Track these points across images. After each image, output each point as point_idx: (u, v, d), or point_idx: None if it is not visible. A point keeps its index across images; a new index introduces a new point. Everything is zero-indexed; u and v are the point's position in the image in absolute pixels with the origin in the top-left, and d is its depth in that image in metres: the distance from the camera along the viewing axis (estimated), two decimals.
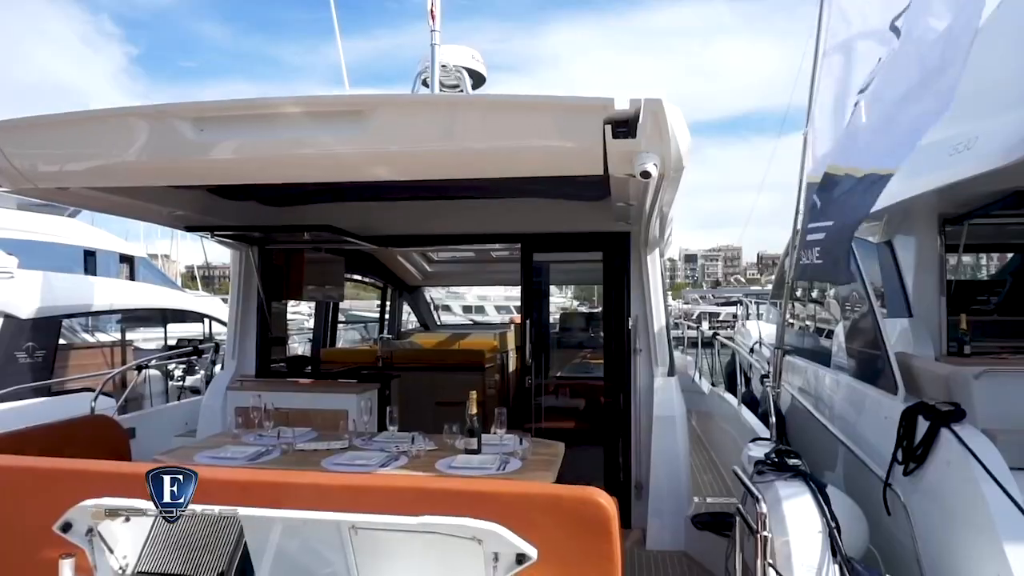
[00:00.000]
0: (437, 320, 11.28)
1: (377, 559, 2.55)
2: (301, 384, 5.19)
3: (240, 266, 5.51)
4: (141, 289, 9.03)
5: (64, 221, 12.72)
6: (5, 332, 5.39)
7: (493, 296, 24.31)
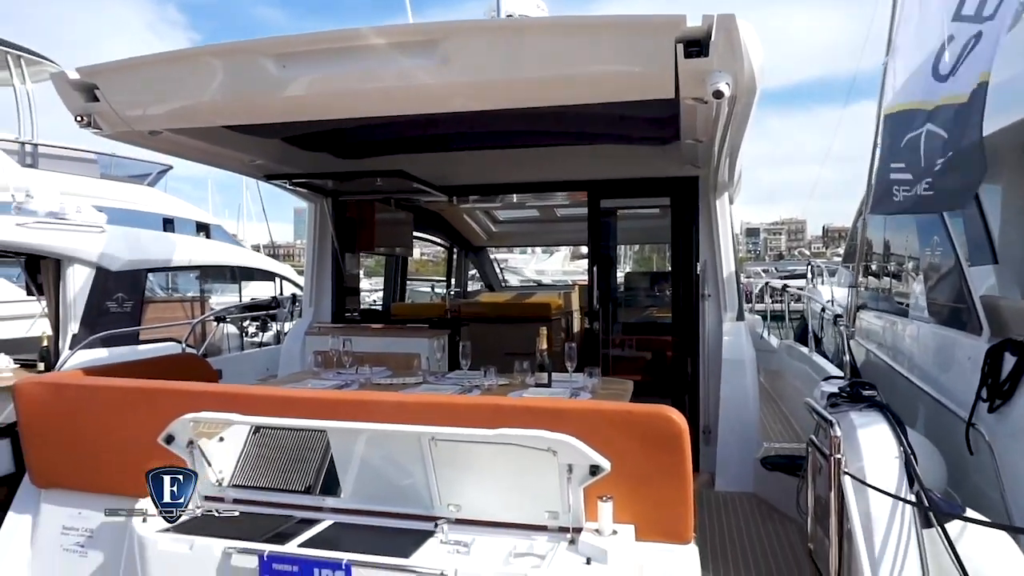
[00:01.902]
0: (502, 281, 11.39)
1: (455, 470, 2.65)
2: (375, 329, 5.36)
3: (315, 218, 5.71)
4: (217, 247, 9.42)
5: (144, 190, 13.35)
6: (97, 283, 5.70)
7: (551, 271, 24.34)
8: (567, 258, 24.80)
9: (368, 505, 2.82)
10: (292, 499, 2.91)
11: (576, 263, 22.68)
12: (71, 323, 5.46)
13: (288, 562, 2.43)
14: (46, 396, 3.30)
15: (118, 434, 3.20)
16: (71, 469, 3.33)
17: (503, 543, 2.61)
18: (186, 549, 2.60)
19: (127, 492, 3.18)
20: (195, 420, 2.82)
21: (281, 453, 2.98)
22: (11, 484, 3.95)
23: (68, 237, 5.38)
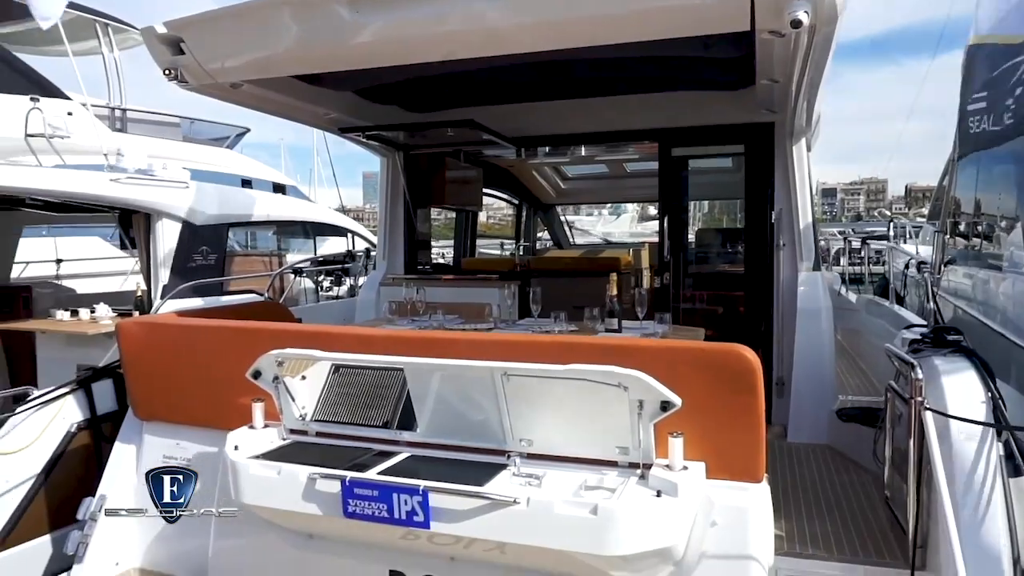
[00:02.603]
0: (571, 239, 11.36)
1: (527, 405, 2.71)
2: (447, 279, 5.47)
3: (387, 172, 5.82)
4: (294, 203, 9.72)
5: (224, 152, 13.81)
6: (183, 236, 5.98)
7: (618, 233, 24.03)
8: (634, 220, 24.41)
9: (442, 439, 2.93)
10: (370, 433, 3.04)
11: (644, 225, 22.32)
12: (161, 274, 5.76)
13: (368, 487, 2.56)
14: (145, 335, 3.53)
15: (210, 371, 3.40)
16: (168, 403, 3.57)
17: (573, 477, 2.67)
18: (274, 474, 2.76)
19: (219, 425, 3.39)
20: (280, 356, 2.97)
21: (359, 390, 3.12)
22: (115, 420, 4.26)
23: (156, 192, 5.66)
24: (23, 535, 3.79)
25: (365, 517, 2.56)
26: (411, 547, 2.87)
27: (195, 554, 3.39)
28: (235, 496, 2.85)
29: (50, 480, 3.91)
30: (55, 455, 3.94)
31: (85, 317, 5.70)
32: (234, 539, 3.28)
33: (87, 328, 5.34)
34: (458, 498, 2.47)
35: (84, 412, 4.15)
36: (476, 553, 2.76)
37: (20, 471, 3.83)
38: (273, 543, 3.15)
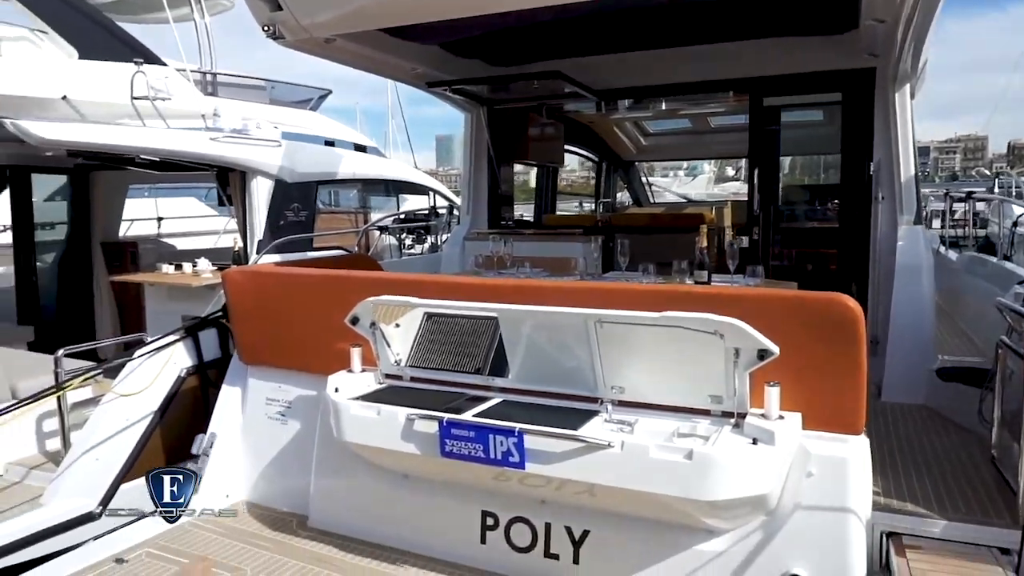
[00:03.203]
0: (650, 197, 11.17)
1: (619, 353, 2.73)
2: (531, 234, 5.50)
3: (471, 127, 5.85)
4: (378, 161, 9.91)
5: (308, 114, 14.12)
6: (276, 193, 6.18)
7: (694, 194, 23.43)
8: (711, 181, 23.78)
9: (533, 385, 2.98)
10: (462, 379, 3.13)
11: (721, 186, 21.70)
12: (257, 230, 6.00)
13: (465, 428, 2.64)
14: (249, 283, 3.72)
15: (310, 317, 3.55)
16: (270, 348, 3.76)
17: (665, 424, 2.68)
18: (374, 415, 2.89)
19: (317, 369, 3.55)
20: (377, 303, 3.07)
21: (452, 337, 3.20)
22: (218, 366, 4.52)
23: (251, 151, 5.86)
24: (143, 469, 4.10)
25: (461, 457, 2.65)
26: (502, 489, 2.96)
27: (297, 491, 3.60)
28: (337, 434, 2.99)
29: (164, 420, 4.20)
30: (168, 397, 4.23)
31: (188, 271, 6.03)
32: (333, 478, 3.45)
33: (191, 281, 5.65)
34: (553, 440, 2.53)
35: (192, 358, 4.42)
36: (566, 496, 2.82)
37: (138, 411, 4.13)
38: (370, 483, 3.30)
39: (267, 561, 3.15)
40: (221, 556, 3.14)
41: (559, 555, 2.91)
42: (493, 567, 3.01)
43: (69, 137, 4.77)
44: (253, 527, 3.53)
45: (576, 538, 2.88)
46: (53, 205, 7.18)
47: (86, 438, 4.01)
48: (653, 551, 2.74)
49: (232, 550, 3.27)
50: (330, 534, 3.39)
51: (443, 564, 3.08)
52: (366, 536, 3.32)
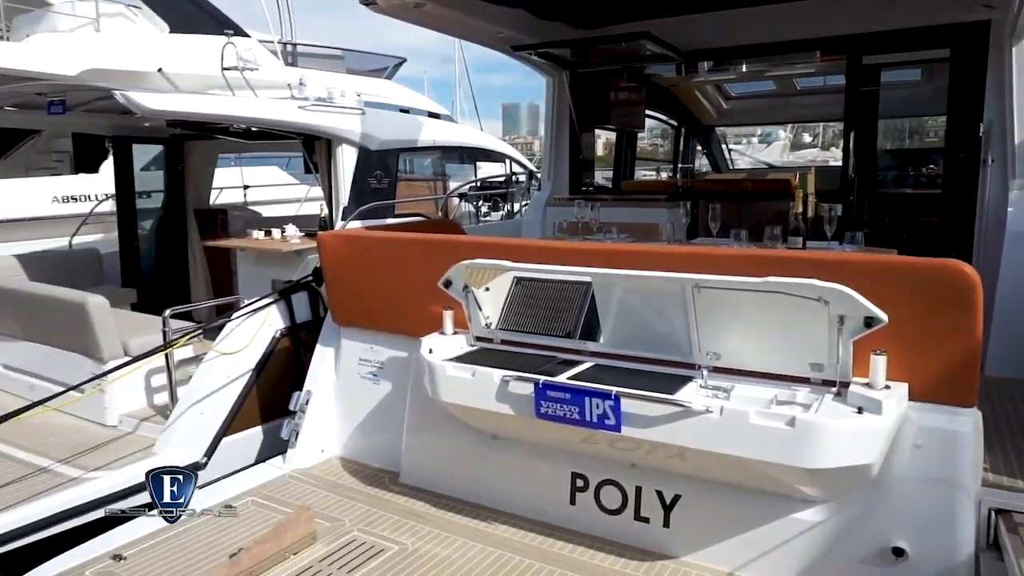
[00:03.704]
0: (730, 163, 10.85)
1: (716, 318, 2.69)
2: (614, 200, 5.44)
3: (553, 92, 5.80)
4: (456, 128, 9.96)
5: (383, 82, 14.31)
6: (360, 161, 6.27)
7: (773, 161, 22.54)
8: (786, 148, 22.86)
9: (625, 350, 2.98)
10: (552, 342, 3.15)
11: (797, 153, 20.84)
12: (342, 197, 6.12)
13: (561, 390, 2.67)
14: (343, 247, 3.82)
15: (401, 280, 3.63)
16: (363, 310, 3.88)
17: (762, 391, 2.64)
18: (469, 376, 2.94)
19: (409, 331, 3.64)
20: (471, 266, 3.11)
21: (541, 301, 3.21)
22: (309, 328, 4.69)
23: (337, 119, 5.96)
24: (242, 424, 4.32)
25: (556, 418, 2.68)
26: (593, 452, 2.99)
27: (388, 447, 3.72)
28: (432, 394, 3.07)
29: (260, 378, 4.40)
30: (264, 356, 4.42)
31: (277, 237, 6.24)
32: (423, 436, 3.56)
33: (281, 246, 5.85)
34: (650, 404, 2.53)
35: (285, 320, 4.60)
36: (656, 460, 2.83)
37: (237, 369, 4.34)
38: (459, 442, 3.38)
39: (363, 513, 3.29)
40: (320, 507, 3.29)
41: (649, 518, 2.93)
42: (582, 528, 3.06)
43: (172, 107, 4.96)
44: (347, 481, 3.68)
45: (667, 502, 2.89)
46: (149, 174, 7.53)
47: (191, 394, 4.24)
48: (747, 517, 2.73)
49: (329, 501, 3.42)
50: (420, 490, 3.50)
51: (532, 523, 3.14)
52: (455, 493, 3.42)
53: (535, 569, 2.80)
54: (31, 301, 4.90)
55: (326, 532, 3.08)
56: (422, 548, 2.96)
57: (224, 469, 4.19)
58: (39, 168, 10.00)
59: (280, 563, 2.83)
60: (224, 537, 3.09)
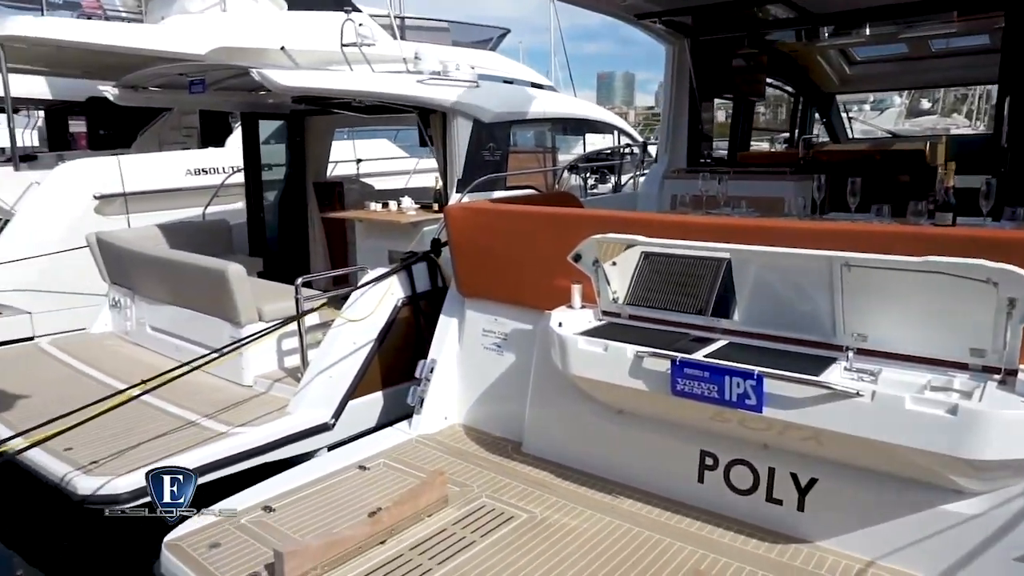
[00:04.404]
0: (850, 132, 10.26)
1: (864, 298, 2.57)
2: (736, 173, 5.25)
3: (673, 61, 5.64)
4: (567, 100, 9.87)
5: (488, 54, 14.33)
6: (474, 133, 6.32)
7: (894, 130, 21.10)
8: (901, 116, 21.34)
9: (761, 328, 2.90)
10: (683, 319, 3.10)
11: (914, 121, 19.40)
12: (456, 170, 6.21)
13: (699, 368, 2.63)
14: (469, 219, 3.89)
15: (527, 253, 3.66)
16: (488, 282, 3.94)
17: (913, 376, 2.52)
18: (601, 350, 2.95)
19: (534, 303, 3.68)
20: (602, 241, 3.10)
21: (671, 277, 3.17)
22: (428, 298, 4.83)
23: (453, 92, 6.03)
24: (366, 388, 4.52)
25: (692, 396, 2.66)
26: (722, 430, 2.94)
27: (512, 417, 3.80)
28: (562, 368, 3.10)
29: (383, 345, 4.57)
30: (387, 324, 4.59)
31: (393, 209, 6.40)
32: (548, 408, 3.60)
33: (398, 218, 6.00)
34: (795, 386, 2.46)
35: (406, 290, 4.75)
36: (790, 442, 2.75)
37: (363, 336, 4.53)
38: (584, 415, 3.41)
39: (490, 480, 3.38)
40: (448, 472, 3.40)
41: (782, 501, 2.87)
42: (711, 506, 3.03)
43: (304, 83, 5.16)
44: (471, 448, 3.78)
45: (802, 485, 2.82)
46: (269, 148, 7.89)
47: (321, 358, 4.46)
48: (889, 506, 2.62)
49: (456, 467, 3.54)
50: (543, 460, 3.56)
51: (658, 499, 3.14)
52: (578, 465, 3.46)
53: (665, 544, 2.81)
54: (177, 268, 5.26)
55: (456, 497, 3.19)
56: (551, 517, 3.02)
57: (349, 430, 4.42)
58: (171, 143, 10.65)
59: (416, 523, 2.96)
60: (361, 495, 3.25)
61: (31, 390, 4.75)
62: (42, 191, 7.54)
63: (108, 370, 5.15)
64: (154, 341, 5.64)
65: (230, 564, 2.69)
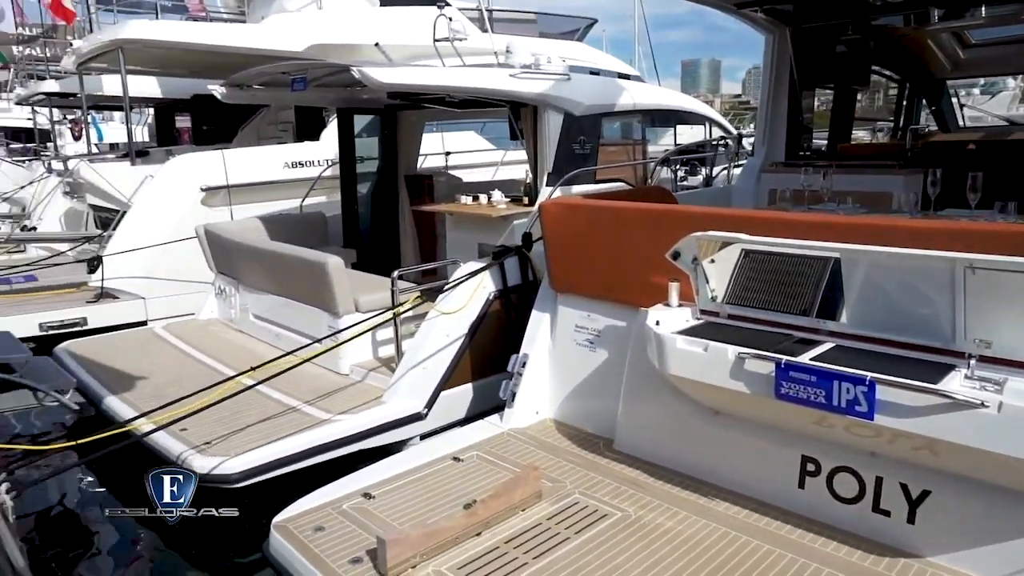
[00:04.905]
0: (961, 120, 9.64)
1: (991, 304, 2.42)
2: (838, 166, 5.04)
3: (772, 50, 5.45)
4: (657, 91, 9.72)
5: (575, 44, 14.25)
6: (564, 126, 6.31)
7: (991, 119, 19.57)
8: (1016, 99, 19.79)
9: (872, 332, 2.78)
10: (786, 319, 3.01)
11: None
12: (546, 163, 6.22)
13: (806, 372, 2.55)
14: (564, 215, 3.89)
15: (622, 250, 3.63)
16: (581, 278, 3.93)
17: None
18: (700, 350, 2.90)
19: (628, 300, 3.65)
20: (703, 238, 3.04)
21: (773, 276, 3.07)
22: (519, 291, 4.86)
23: (545, 85, 6.03)
24: (457, 380, 4.60)
25: (797, 400, 2.58)
26: (826, 435, 2.84)
27: (604, 413, 3.78)
28: (660, 367, 3.06)
29: (474, 338, 4.64)
30: (478, 317, 4.65)
31: (483, 202, 6.46)
32: (641, 406, 3.57)
33: (489, 212, 6.05)
34: (911, 393, 2.35)
35: (498, 283, 4.79)
36: (900, 451, 2.63)
37: (455, 328, 4.61)
38: (679, 414, 3.36)
39: (582, 477, 3.39)
40: (540, 467, 3.42)
41: (890, 512, 2.75)
42: (812, 514, 2.94)
43: (401, 80, 5.29)
44: (563, 443, 3.80)
45: (913, 497, 2.69)
46: (364, 142, 8.10)
47: (415, 349, 4.57)
48: (1010, 523, 2.47)
49: (548, 462, 3.56)
50: (636, 458, 3.54)
51: (756, 503, 3.07)
52: (671, 464, 3.42)
53: (764, 551, 2.74)
54: (279, 260, 5.50)
55: (549, 492, 3.21)
56: (645, 517, 3.00)
57: (440, 420, 4.51)
58: (268, 137, 11.12)
59: (510, 517, 3.00)
60: (456, 486, 3.32)
61: (148, 371, 5.09)
62: (155, 184, 8.03)
63: (215, 355, 5.46)
64: (256, 328, 5.92)
65: (334, 548, 2.81)
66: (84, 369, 5.18)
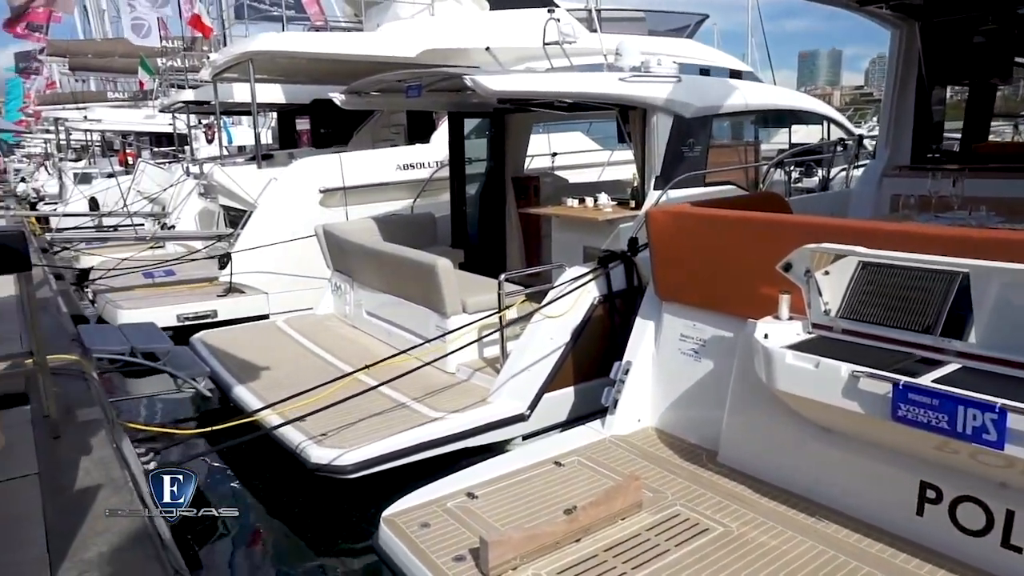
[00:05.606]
0: None
1: None
2: (972, 170, 4.70)
3: (899, 46, 5.15)
4: (770, 90, 9.39)
5: (685, 42, 13.95)
6: (674, 129, 6.22)
7: None
8: None
9: (1005, 354, 2.60)
10: (907, 337, 2.85)
11: None
12: (655, 166, 6.15)
13: (927, 394, 2.42)
14: (671, 223, 3.85)
15: (731, 259, 3.56)
16: (687, 287, 3.88)
17: None
18: (811, 367, 2.80)
19: (735, 311, 3.57)
20: (816, 250, 2.94)
21: (891, 291, 2.92)
22: (623, 297, 4.85)
23: (654, 88, 5.97)
24: (560, 383, 4.65)
25: (916, 424, 2.45)
26: (949, 462, 2.68)
27: (707, 424, 3.72)
28: (767, 381, 2.99)
29: (578, 342, 4.67)
30: (582, 322, 4.69)
31: (589, 205, 6.47)
32: (747, 419, 3.49)
33: (596, 215, 6.05)
34: None
35: (603, 288, 4.80)
36: None
37: (559, 332, 4.66)
38: (787, 430, 3.26)
39: (684, 488, 3.35)
40: (641, 476, 3.41)
41: (1022, 549, 2.56)
42: (931, 543, 2.78)
43: (513, 87, 5.38)
44: (665, 453, 3.77)
45: None
46: (472, 144, 8.29)
47: (520, 351, 4.66)
48: None
49: (649, 472, 3.54)
50: (740, 472, 3.46)
51: (867, 527, 2.94)
52: (777, 481, 3.32)
53: None
54: (391, 260, 5.74)
55: (650, 503, 3.20)
56: (748, 534, 2.94)
57: (541, 422, 4.59)
58: (381, 140, 11.57)
59: (610, 526, 3.01)
60: (557, 490, 3.37)
61: (271, 363, 5.46)
62: (279, 186, 8.55)
63: (331, 349, 5.78)
64: (369, 325, 6.21)
65: (439, 545, 2.92)
66: (215, 358, 5.61)
